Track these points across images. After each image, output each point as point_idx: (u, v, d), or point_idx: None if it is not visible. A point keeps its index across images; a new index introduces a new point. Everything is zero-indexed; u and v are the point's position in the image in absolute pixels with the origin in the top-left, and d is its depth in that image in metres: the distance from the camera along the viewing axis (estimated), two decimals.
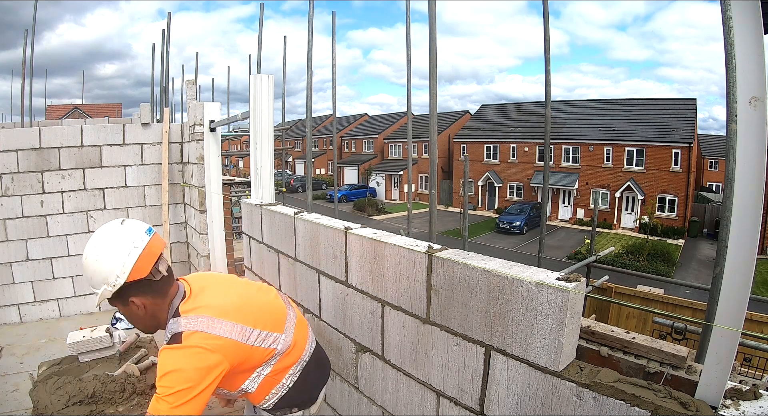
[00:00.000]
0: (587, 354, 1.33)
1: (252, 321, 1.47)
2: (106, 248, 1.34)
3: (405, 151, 33.86)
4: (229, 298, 1.51)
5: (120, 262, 1.32)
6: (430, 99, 2.48)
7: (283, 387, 1.60)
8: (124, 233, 1.38)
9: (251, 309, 1.52)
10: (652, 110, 23.84)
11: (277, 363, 1.56)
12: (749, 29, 0.92)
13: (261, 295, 1.65)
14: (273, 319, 1.57)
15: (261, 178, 2.85)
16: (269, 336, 1.51)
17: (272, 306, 1.63)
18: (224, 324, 1.39)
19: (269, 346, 1.51)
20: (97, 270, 1.33)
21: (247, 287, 1.68)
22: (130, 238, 1.37)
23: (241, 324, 1.43)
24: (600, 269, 4.81)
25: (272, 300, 1.66)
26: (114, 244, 1.35)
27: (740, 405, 0.91)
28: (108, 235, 1.38)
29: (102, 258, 1.33)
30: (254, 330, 1.46)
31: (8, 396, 3.19)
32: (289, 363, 1.60)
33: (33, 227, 4.60)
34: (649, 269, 15.61)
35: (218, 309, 1.43)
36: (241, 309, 1.48)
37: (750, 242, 0.90)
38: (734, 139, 0.96)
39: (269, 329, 1.52)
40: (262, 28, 5.18)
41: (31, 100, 6.88)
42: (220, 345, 1.35)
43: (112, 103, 30.61)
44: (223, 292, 1.55)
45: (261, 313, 1.54)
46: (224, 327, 1.39)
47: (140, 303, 1.39)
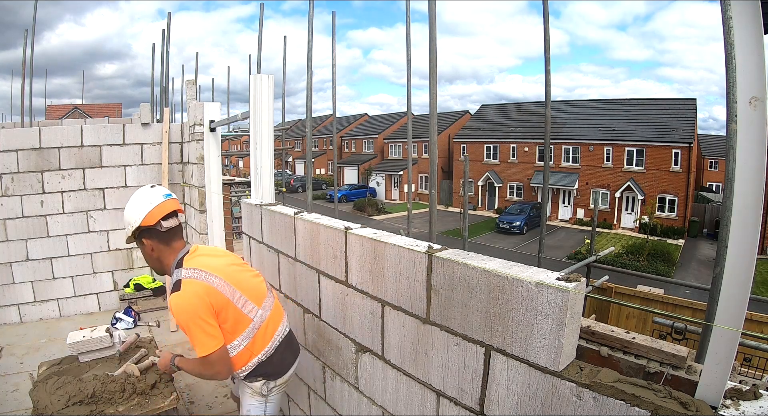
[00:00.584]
0: (587, 354, 1.34)
1: (236, 285, 1.85)
2: (134, 202, 1.89)
3: (405, 151, 33.86)
4: (223, 262, 1.92)
5: (138, 212, 1.85)
6: (430, 99, 2.48)
7: (258, 362, 1.92)
8: (147, 194, 1.90)
9: (238, 278, 1.90)
10: (652, 110, 23.83)
11: (253, 339, 1.88)
12: (749, 29, 0.92)
13: (249, 274, 2.03)
14: (254, 294, 1.93)
15: (261, 178, 2.85)
16: (248, 303, 1.87)
17: (255, 284, 2.00)
18: (215, 278, 1.79)
19: (247, 313, 1.86)
20: (126, 216, 1.89)
21: (241, 264, 2.07)
22: (149, 198, 1.89)
23: (228, 283, 1.82)
24: (600, 269, 4.80)
25: (257, 281, 2.03)
26: (139, 200, 1.89)
27: (740, 405, 0.91)
28: (139, 193, 1.91)
29: (129, 208, 1.89)
30: (237, 292, 1.83)
31: (8, 396, 3.19)
32: (263, 342, 1.92)
33: (33, 227, 4.60)
34: (649, 269, 15.60)
35: (212, 267, 1.83)
36: (230, 274, 1.87)
37: (750, 242, 0.90)
38: (734, 139, 0.96)
39: (248, 298, 1.88)
40: (262, 28, 5.18)
41: (31, 100, 6.89)
42: (211, 291, 1.75)
43: (112, 103, 30.60)
44: (220, 258, 1.97)
45: (245, 284, 1.92)
46: (215, 280, 1.78)
47: (148, 245, 1.88)
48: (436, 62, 2.42)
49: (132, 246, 5.11)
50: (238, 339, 1.83)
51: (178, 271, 1.81)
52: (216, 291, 1.76)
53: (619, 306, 5.70)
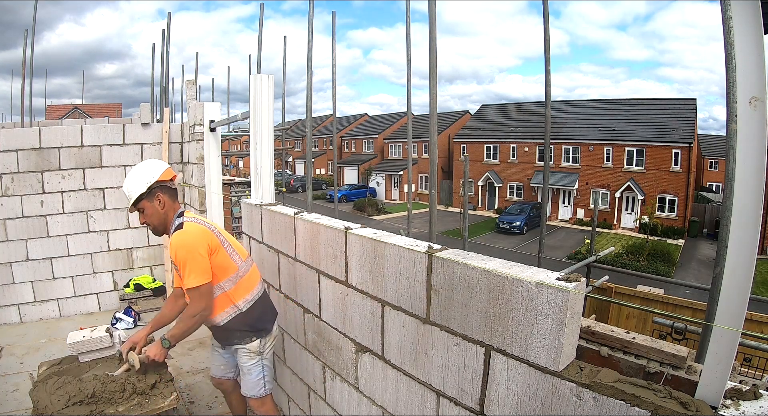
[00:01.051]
0: (587, 354, 1.34)
1: (227, 237, 2.15)
2: (146, 165, 2.12)
3: (405, 151, 33.85)
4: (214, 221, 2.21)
5: (155, 169, 2.10)
6: (430, 99, 2.48)
7: (237, 309, 2.11)
8: (155, 161, 2.20)
9: (226, 234, 2.19)
10: (652, 110, 23.81)
11: (236, 285, 2.10)
12: (749, 29, 0.92)
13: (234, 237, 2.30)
14: (239, 248, 2.19)
15: (261, 178, 2.85)
16: (235, 253, 2.12)
17: (239, 244, 2.26)
18: (212, 226, 2.10)
19: (235, 261, 2.10)
20: (142, 175, 2.07)
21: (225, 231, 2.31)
22: (159, 162, 2.18)
23: (221, 233, 2.12)
24: (600, 269, 4.80)
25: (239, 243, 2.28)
26: (150, 163, 2.15)
27: (740, 405, 0.91)
28: (147, 161, 2.17)
29: (147, 167, 2.11)
30: (226, 241, 2.11)
31: (8, 396, 3.19)
32: (244, 291, 2.12)
33: (33, 227, 4.60)
34: (649, 269, 15.59)
35: (208, 220, 2.15)
36: (221, 231, 2.16)
37: (750, 242, 0.90)
38: (734, 139, 0.96)
39: (235, 249, 2.14)
40: (262, 28, 5.18)
41: (31, 100, 6.89)
42: (208, 234, 2.02)
43: (112, 103, 30.58)
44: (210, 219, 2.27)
45: (233, 240, 2.20)
46: (211, 227, 2.08)
47: (162, 199, 2.07)
48: (436, 62, 2.42)
49: (132, 246, 5.12)
50: (224, 281, 2.06)
51: (180, 219, 2.06)
52: (212, 235, 2.04)
53: (619, 306, 5.70)
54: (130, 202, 2.11)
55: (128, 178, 2.10)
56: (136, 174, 2.09)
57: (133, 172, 2.11)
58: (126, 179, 2.11)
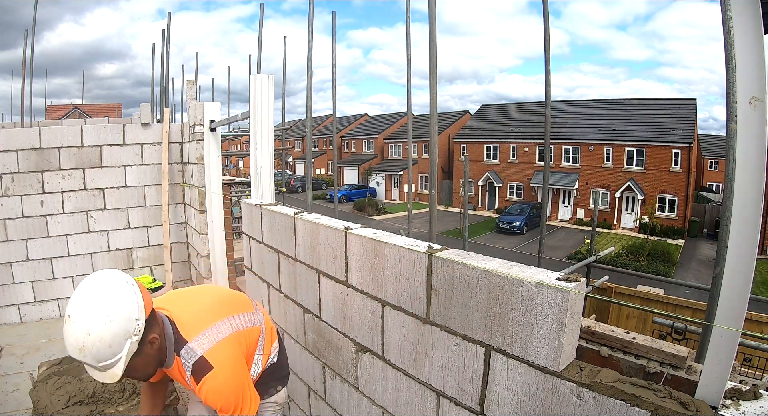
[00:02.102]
0: (587, 354, 1.34)
1: (231, 310, 1.71)
2: (110, 302, 1.26)
3: (405, 151, 33.85)
4: (206, 303, 1.69)
5: (132, 304, 1.29)
6: (430, 99, 2.48)
7: (271, 362, 1.88)
8: (111, 280, 1.32)
9: (224, 302, 1.76)
10: (652, 110, 23.83)
11: (265, 342, 1.83)
12: (749, 29, 0.92)
13: (220, 288, 1.98)
14: (242, 303, 1.84)
15: (261, 178, 2.85)
16: (246, 315, 1.76)
17: (236, 294, 1.95)
18: (221, 324, 1.59)
19: (255, 324, 1.78)
20: (115, 331, 1.24)
21: (206, 287, 2.01)
22: (121, 280, 1.33)
23: (230, 316, 1.66)
24: (600, 269, 4.80)
25: (232, 290, 1.97)
26: (115, 294, 1.27)
27: (740, 405, 0.91)
28: (100, 292, 1.27)
29: (114, 315, 1.24)
30: (236, 316, 1.70)
31: (8, 396, 3.19)
32: (271, 341, 1.89)
33: (33, 227, 4.60)
34: (649, 269, 15.60)
35: (208, 316, 1.59)
36: (220, 307, 1.69)
37: (750, 242, 0.90)
38: (734, 139, 0.96)
39: (244, 310, 1.78)
40: (262, 27, 5.17)
41: (31, 100, 6.88)
42: (234, 341, 1.57)
43: (112, 103, 30.60)
44: (199, 301, 1.71)
45: (232, 301, 1.80)
46: (223, 327, 1.58)
47: (157, 337, 1.40)
48: (436, 62, 2.42)
49: (132, 246, 5.12)
50: (257, 353, 1.76)
51: (188, 349, 1.45)
52: (234, 337, 1.57)
53: (619, 306, 5.70)
54: (105, 368, 1.26)
55: (90, 332, 1.21)
56: (101, 323, 1.22)
57: (91, 320, 1.22)
58: (80, 333, 1.21)
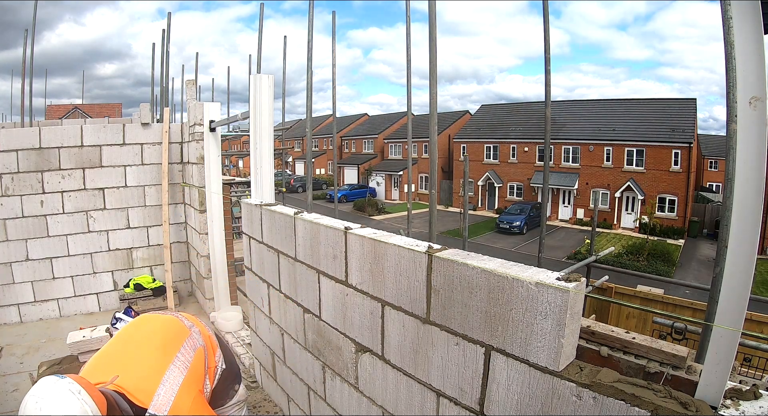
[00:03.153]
0: (587, 354, 1.33)
1: (171, 348, 1.62)
2: None
3: (405, 151, 33.85)
4: (146, 353, 1.57)
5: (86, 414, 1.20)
6: (430, 99, 2.48)
7: (220, 369, 1.84)
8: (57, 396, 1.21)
9: (161, 343, 1.63)
10: (652, 110, 23.82)
11: (209, 357, 1.77)
12: (749, 29, 0.92)
13: (148, 329, 1.73)
14: (177, 333, 1.70)
15: (261, 178, 2.85)
16: (186, 343, 1.67)
17: (166, 325, 1.75)
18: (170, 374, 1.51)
19: (196, 347, 1.69)
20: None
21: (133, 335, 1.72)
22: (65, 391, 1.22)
23: (174, 360, 1.57)
24: (600, 269, 4.80)
25: (161, 323, 1.76)
26: (66, 411, 1.18)
27: (740, 405, 0.91)
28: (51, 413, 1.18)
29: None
30: (179, 354, 1.60)
31: (8, 396, 3.19)
32: (213, 351, 1.82)
33: (33, 227, 4.60)
34: (649, 269, 15.59)
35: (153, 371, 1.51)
36: (160, 352, 1.59)
37: (750, 242, 0.90)
38: (734, 139, 0.96)
39: (182, 340, 1.67)
40: (263, 27, 5.18)
41: (31, 100, 6.88)
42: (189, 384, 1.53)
43: (112, 103, 30.59)
44: (137, 354, 1.58)
45: (167, 337, 1.66)
46: (173, 376, 1.51)
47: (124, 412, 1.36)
48: (436, 62, 2.42)
49: (132, 246, 5.12)
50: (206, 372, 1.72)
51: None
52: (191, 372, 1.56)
53: (619, 306, 5.70)
54: None
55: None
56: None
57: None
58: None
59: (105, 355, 1.64)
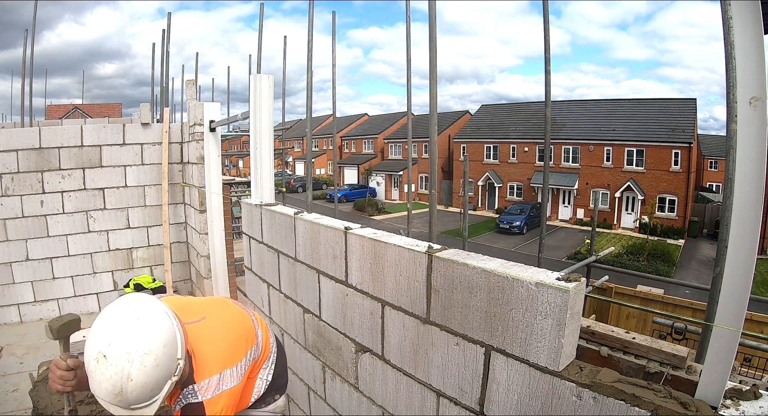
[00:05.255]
0: (587, 354, 1.33)
1: (242, 351, 1.54)
2: (156, 342, 1.11)
3: (405, 151, 33.85)
4: (226, 341, 1.51)
5: (177, 343, 1.17)
6: (430, 99, 2.48)
7: (264, 384, 1.71)
8: (152, 313, 1.16)
9: (238, 339, 1.55)
10: (652, 110, 23.83)
11: (259, 367, 1.69)
12: (749, 29, 0.92)
13: (233, 316, 1.65)
14: (249, 337, 1.63)
15: (261, 178, 2.85)
16: (250, 353, 1.59)
17: (244, 322, 1.67)
18: (229, 374, 1.45)
19: (252, 361, 1.61)
20: (160, 375, 1.11)
21: (221, 311, 1.65)
22: (162, 312, 1.19)
23: (238, 363, 1.50)
24: (600, 269, 4.80)
25: (241, 316, 1.69)
26: (159, 332, 1.13)
27: (740, 405, 0.91)
28: (142, 328, 1.12)
29: (161, 357, 1.11)
30: (244, 359, 1.54)
31: (8, 396, 3.19)
32: (260, 362, 1.70)
33: (33, 227, 4.60)
34: (649, 269, 15.60)
35: (223, 360, 1.45)
36: (235, 347, 1.52)
37: (750, 242, 0.90)
38: (734, 139, 0.96)
39: (249, 347, 1.60)
40: (263, 27, 5.17)
41: (31, 100, 6.87)
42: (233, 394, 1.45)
43: (112, 103, 30.60)
44: (217, 334, 1.51)
45: (244, 338, 1.59)
46: (231, 377, 1.45)
47: (186, 372, 1.30)
48: (436, 62, 2.42)
49: (132, 246, 5.12)
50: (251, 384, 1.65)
51: (191, 389, 1.34)
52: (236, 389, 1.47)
53: (619, 306, 5.70)
54: (136, 410, 1.13)
55: (132, 377, 1.07)
56: (146, 368, 1.09)
57: (135, 364, 1.08)
58: (120, 377, 1.06)
59: (187, 305, 1.58)
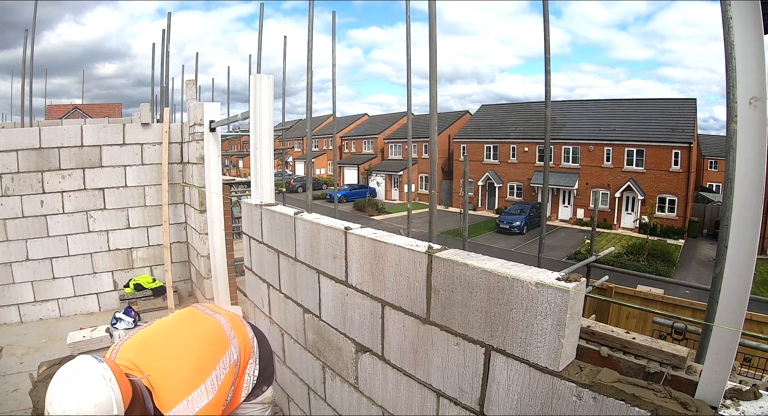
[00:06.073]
0: (587, 354, 1.33)
1: (210, 366, 1.56)
2: (87, 403, 1.21)
3: (405, 151, 33.85)
4: (184, 367, 1.53)
5: (111, 403, 1.24)
6: (430, 99, 2.48)
7: (252, 379, 1.79)
8: (89, 378, 1.26)
9: (201, 357, 1.57)
10: (652, 110, 23.82)
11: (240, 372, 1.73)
12: (749, 29, 0.92)
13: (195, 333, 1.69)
14: (218, 345, 1.66)
15: (261, 178, 2.85)
16: (224, 360, 1.63)
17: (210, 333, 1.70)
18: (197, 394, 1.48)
19: (230, 365, 1.64)
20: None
21: (180, 334, 1.68)
22: (99, 376, 1.27)
23: (206, 379, 1.53)
24: (600, 269, 4.80)
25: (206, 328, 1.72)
26: (91, 394, 1.22)
27: (740, 405, 0.91)
28: (78, 392, 1.22)
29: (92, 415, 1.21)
30: (214, 372, 1.56)
31: (8, 396, 3.19)
32: (245, 361, 1.77)
33: (33, 227, 4.60)
34: (649, 269, 15.59)
35: (185, 385, 1.48)
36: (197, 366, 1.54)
37: (750, 242, 0.90)
38: (734, 139, 0.96)
39: (220, 356, 1.63)
40: (263, 27, 5.17)
41: (31, 100, 6.87)
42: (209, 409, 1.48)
43: (112, 103, 30.59)
44: (174, 363, 1.54)
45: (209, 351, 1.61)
46: (200, 396, 1.48)
47: (148, 410, 1.39)
48: (436, 62, 2.42)
49: (132, 246, 5.12)
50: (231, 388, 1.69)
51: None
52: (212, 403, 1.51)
53: (619, 306, 5.70)
54: None
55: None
56: None
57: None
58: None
59: (148, 341, 1.63)
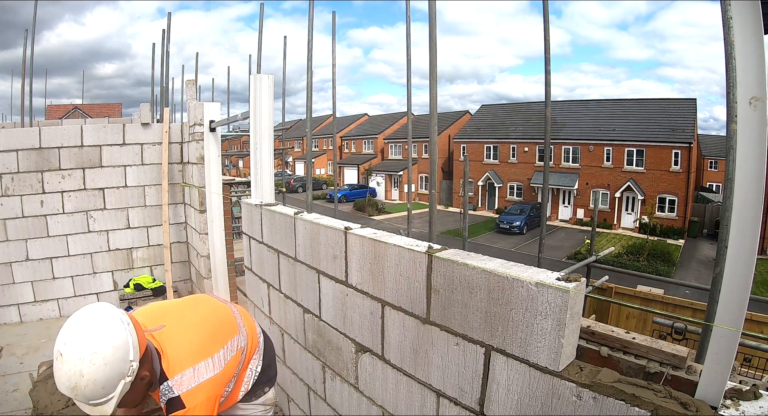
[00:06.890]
0: (587, 354, 1.33)
1: (219, 343, 1.61)
2: (106, 344, 1.22)
3: (405, 151, 33.85)
4: (195, 336, 1.57)
5: (128, 346, 1.26)
6: (430, 99, 2.47)
7: (253, 375, 1.81)
8: (106, 319, 1.28)
9: (212, 332, 1.63)
10: (652, 110, 23.83)
11: (245, 361, 1.77)
12: (749, 29, 0.92)
13: (207, 310, 1.75)
14: (228, 327, 1.71)
15: (261, 178, 2.85)
16: (233, 342, 1.67)
17: (221, 315, 1.76)
18: (204, 365, 1.51)
19: (237, 349, 1.68)
20: (110, 374, 1.22)
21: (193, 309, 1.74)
22: (117, 318, 1.29)
23: (214, 355, 1.56)
24: (600, 269, 4.80)
25: (218, 309, 1.79)
26: (110, 335, 1.24)
27: (740, 405, 0.91)
28: (94, 332, 1.24)
29: (110, 357, 1.22)
30: (222, 350, 1.60)
31: (8, 396, 3.19)
32: (251, 353, 1.80)
33: (33, 227, 4.60)
34: (649, 269, 15.60)
35: (193, 354, 1.51)
36: (208, 340, 1.58)
37: (750, 242, 0.90)
38: (734, 139, 0.96)
39: (230, 337, 1.68)
40: (263, 27, 5.17)
41: (31, 100, 6.87)
42: (212, 384, 1.51)
43: (112, 103, 30.61)
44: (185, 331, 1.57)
45: (220, 329, 1.67)
46: (206, 368, 1.51)
47: (148, 374, 1.39)
48: (436, 62, 2.42)
49: (132, 246, 5.12)
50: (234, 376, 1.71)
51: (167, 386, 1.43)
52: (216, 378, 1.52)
53: (619, 306, 5.70)
54: (96, 405, 1.24)
55: (83, 374, 1.19)
56: (95, 366, 1.20)
57: (86, 362, 1.20)
58: (73, 374, 1.19)
59: (161, 310, 1.68)
